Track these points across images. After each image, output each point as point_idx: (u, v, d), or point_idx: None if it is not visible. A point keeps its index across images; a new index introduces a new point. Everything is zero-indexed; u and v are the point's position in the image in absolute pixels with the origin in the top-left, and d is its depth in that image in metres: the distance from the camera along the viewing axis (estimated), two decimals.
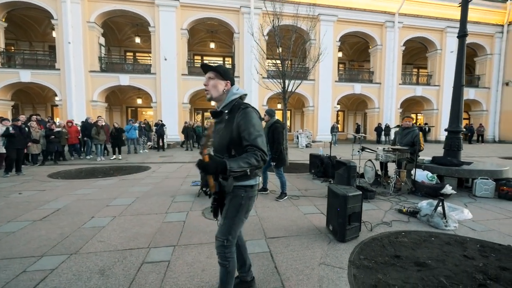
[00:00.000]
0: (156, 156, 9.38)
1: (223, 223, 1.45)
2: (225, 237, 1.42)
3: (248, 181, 1.41)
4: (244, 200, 1.42)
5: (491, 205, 3.71)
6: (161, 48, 13.24)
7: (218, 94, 1.45)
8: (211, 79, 1.44)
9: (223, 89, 1.45)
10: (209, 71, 1.46)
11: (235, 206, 1.42)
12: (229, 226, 1.42)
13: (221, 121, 1.44)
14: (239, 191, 1.40)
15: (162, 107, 13.63)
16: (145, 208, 3.46)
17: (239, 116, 1.36)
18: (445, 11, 15.86)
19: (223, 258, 1.44)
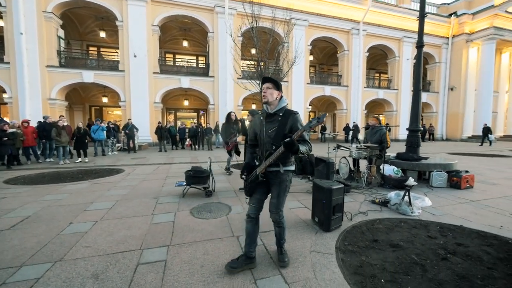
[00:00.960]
0: (127, 158, 8.89)
1: (277, 201, 2.00)
2: (279, 209, 2.02)
3: (291, 166, 2.03)
4: (289, 183, 2.03)
5: (445, 193, 4.30)
6: (130, 44, 12.55)
7: (272, 100, 1.94)
8: (269, 88, 1.93)
9: (276, 97, 1.94)
10: (268, 82, 1.95)
11: (283, 188, 1.99)
12: (280, 202, 2.01)
13: (273, 121, 1.94)
14: (285, 176, 1.97)
15: (132, 107, 12.93)
16: (129, 211, 3.33)
17: (293, 120, 1.89)
18: (402, 22, 17.61)
19: (280, 222, 2.06)
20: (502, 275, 1.97)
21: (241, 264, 1.99)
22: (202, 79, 14.23)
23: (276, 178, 1.96)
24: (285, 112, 1.92)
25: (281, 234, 2.12)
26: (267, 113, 1.97)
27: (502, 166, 7.31)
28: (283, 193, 1.99)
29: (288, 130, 1.86)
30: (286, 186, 1.99)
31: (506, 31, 17.79)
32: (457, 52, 19.07)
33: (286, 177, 1.98)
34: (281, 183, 1.97)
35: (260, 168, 1.92)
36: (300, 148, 1.76)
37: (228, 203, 3.69)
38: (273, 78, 1.93)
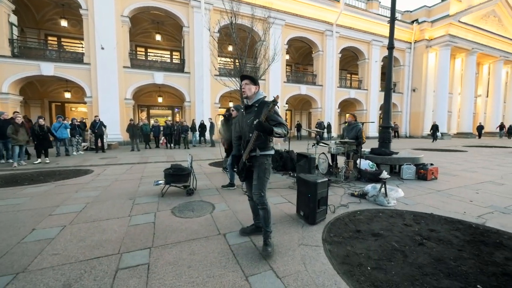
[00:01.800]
0: (95, 158, 8.23)
1: (257, 182, 2.16)
2: (260, 191, 2.16)
3: (269, 151, 2.19)
4: (267, 165, 2.19)
5: (414, 185, 4.64)
6: (96, 35, 11.62)
7: (251, 94, 2.18)
8: (247, 84, 2.17)
9: (254, 91, 2.18)
10: (246, 79, 2.19)
11: (262, 170, 2.16)
12: (262, 183, 2.17)
13: (251, 112, 2.16)
14: (263, 159, 2.15)
15: (100, 103, 12.02)
16: (102, 213, 3.06)
17: (266, 108, 2.00)
18: (372, 26, 18.68)
19: (263, 204, 2.17)
20: (470, 255, 2.16)
21: (251, 231, 2.47)
22: (177, 75, 13.69)
23: (256, 162, 2.16)
24: (261, 103, 2.13)
25: (266, 218, 2.18)
26: (246, 105, 2.22)
27: (459, 160, 8.12)
28: (263, 175, 2.16)
29: (265, 119, 2.03)
30: (265, 169, 2.16)
31: (459, 39, 19.78)
32: (419, 56, 20.77)
33: (264, 160, 2.16)
34: (260, 166, 2.15)
35: (244, 154, 2.16)
36: (275, 129, 1.94)
37: (211, 201, 3.58)
38: (250, 75, 2.20)
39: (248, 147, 2.10)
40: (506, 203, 3.61)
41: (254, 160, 2.16)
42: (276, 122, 2.05)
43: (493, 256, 2.16)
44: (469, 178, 5.25)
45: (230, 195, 3.87)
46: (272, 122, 2.04)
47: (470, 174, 5.73)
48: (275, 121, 2.06)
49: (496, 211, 3.27)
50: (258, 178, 2.16)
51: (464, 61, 21.92)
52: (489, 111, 24.96)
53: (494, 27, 21.98)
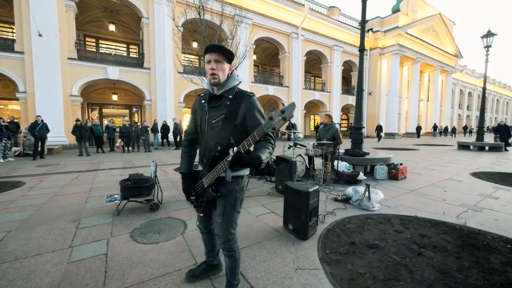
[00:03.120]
0: (30, 166, 6.78)
1: (223, 220, 1.44)
2: (227, 232, 1.45)
3: (242, 170, 1.44)
4: (238, 193, 1.45)
5: (388, 185, 4.70)
6: (32, 19, 9.75)
7: (225, 79, 1.37)
8: (219, 62, 1.32)
9: (228, 73, 1.38)
10: (217, 52, 1.31)
11: (231, 202, 1.43)
12: (229, 221, 1.44)
13: (220, 106, 1.37)
14: (233, 185, 1.41)
15: (37, 100, 10.15)
16: (30, 246, 2.27)
17: (247, 106, 1.34)
18: (333, 32, 19.63)
19: (230, 250, 1.49)
20: (470, 263, 2.06)
21: (202, 272, 1.79)
22: (135, 70, 12.36)
23: (223, 188, 1.40)
24: (237, 94, 1.37)
25: (234, 268, 1.53)
26: (211, 95, 1.40)
27: (416, 158, 8.79)
28: (232, 208, 1.43)
29: (241, 121, 1.33)
30: (235, 199, 1.43)
31: (406, 49, 22.04)
32: (374, 62, 22.55)
33: (236, 186, 1.42)
34: (228, 195, 1.41)
35: (207, 178, 1.37)
36: (262, 156, 1.18)
37: (181, 217, 3.00)
38: (223, 46, 1.33)
39: (214, 171, 1.30)
40: (473, 200, 3.80)
41: (220, 185, 1.39)
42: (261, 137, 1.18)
43: (489, 261, 2.09)
44: (431, 176, 5.57)
45: None
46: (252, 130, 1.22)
47: (431, 172, 6.13)
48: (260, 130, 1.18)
49: (469, 209, 3.38)
50: (225, 214, 1.42)
51: (410, 68, 24.55)
52: (429, 113, 28.46)
53: (433, 40, 25.10)
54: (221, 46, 1.32)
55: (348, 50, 20.95)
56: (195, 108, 1.51)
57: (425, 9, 24.01)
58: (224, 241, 1.46)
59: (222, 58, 1.32)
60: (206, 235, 1.73)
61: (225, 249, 1.48)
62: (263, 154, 1.21)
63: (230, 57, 1.36)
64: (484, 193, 4.19)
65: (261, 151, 1.22)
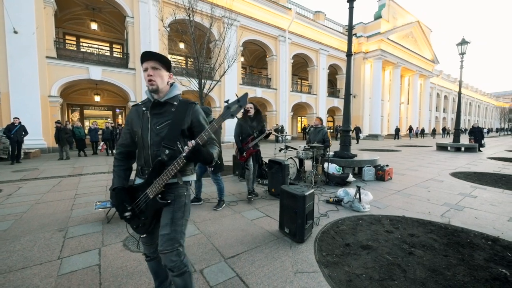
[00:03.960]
0: (5, 171, 6.36)
1: (171, 229, 1.28)
2: (178, 243, 1.28)
3: (190, 176, 1.41)
4: (187, 199, 1.40)
5: (376, 186, 4.87)
6: (6, 14, 9.20)
7: (163, 86, 1.36)
8: (156, 69, 1.32)
9: (167, 81, 1.38)
10: (154, 60, 1.32)
11: (180, 207, 1.34)
12: (179, 230, 1.31)
13: (164, 113, 1.36)
14: (182, 190, 1.36)
15: (12, 100, 9.58)
16: (14, 258, 2.12)
17: (193, 113, 1.37)
18: (319, 36, 20.08)
19: (181, 266, 1.29)
20: (457, 261, 2.18)
21: None
22: (120, 70, 11.96)
23: (170, 194, 1.32)
24: (181, 102, 1.38)
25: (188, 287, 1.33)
26: (154, 102, 1.35)
27: (399, 159, 9.17)
28: (181, 215, 1.32)
29: (187, 127, 1.35)
30: (184, 204, 1.35)
31: (388, 54, 22.99)
32: (358, 66, 23.30)
33: (184, 191, 1.36)
34: (176, 200, 1.32)
35: (154, 187, 1.26)
36: (214, 153, 1.29)
37: None
38: (159, 54, 1.32)
39: (163, 176, 1.23)
40: (455, 199, 4.02)
41: (168, 192, 1.32)
42: (208, 138, 1.25)
43: (474, 259, 2.22)
44: (415, 177, 5.83)
45: (198, 213, 3.28)
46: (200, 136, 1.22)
47: (414, 172, 6.42)
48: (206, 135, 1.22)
49: (452, 208, 3.58)
50: (174, 221, 1.29)
51: (391, 73, 25.62)
52: (410, 116, 29.81)
53: (412, 46, 26.37)
54: (157, 53, 1.31)
55: (333, 54, 21.51)
56: (131, 118, 1.42)
57: (404, 17, 25.19)
58: (175, 256, 1.25)
59: (159, 65, 1.32)
60: (154, 262, 1.49)
61: (176, 268, 1.26)
62: (214, 153, 1.30)
63: (168, 64, 1.36)
64: (464, 192, 4.45)
65: (212, 150, 1.31)
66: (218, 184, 3.50)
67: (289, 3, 18.08)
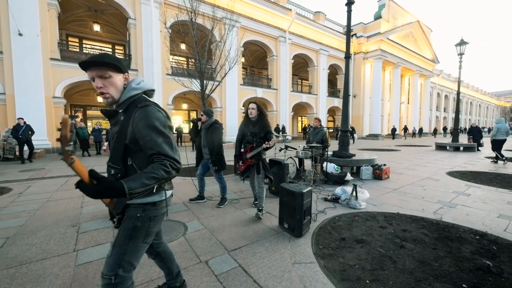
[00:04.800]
0: (13, 171, 6.54)
1: (111, 254, 1.13)
2: (113, 273, 1.09)
3: (148, 197, 1.15)
4: (141, 222, 1.15)
5: (373, 185, 5.02)
6: (11, 17, 9.38)
7: (121, 93, 1.16)
8: (105, 78, 1.10)
9: (123, 85, 1.17)
10: (98, 67, 1.07)
11: (125, 230, 1.14)
12: (119, 257, 1.11)
13: (116, 123, 1.17)
14: (134, 211, 1.15)
15: (17, 102, 9.77)
16: (33, 251, 2.30)
17: (137, 117, 1.08)
18: (319, 36, 20.20)
19: None
20: (445, 253, 2.33)
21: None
22: None
23: (125, 213, 1.18)
24: (129, 106, 1.15)
25: None
26: (104, 111, 1.24)
27: (398, 159, 9.31)
28: (125, 240, 1.13)
29: (130, 139, 1.11)
30: (132, 228, 1.14)
31: (388, 54, 23.09)
32: (358, 66, 23.42)
33: (136, 212, 1.15)
34: (125, 221, 1.16)
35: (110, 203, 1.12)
36: (129, 185, 0.95)
37: (180, 219, 3.11)
38: (102, 57, 1.09)
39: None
40: (448, 197, 4.17)
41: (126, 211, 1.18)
42: (154, 153, 1.05)
43: (461, 251, 2.37)
44: (412, 176, 5.98)
45: (202, 210, 3.45)
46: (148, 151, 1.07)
47: (411, 171, 6.57)
48: (151, 148, 1.05)
49: (445, 206, 3.73)
50: (115, 245, 1.15)
51: (392, 72, 25.71)
52: (410, 115, 29.90)
53: (412, 46, 26.45)
54: (100, 57, 1.09)
55: (333, 54, 21.63)
56: None
57: (404, 17, 25.28)
58: (106, 284, 1.09)
59: (107, 71, 1.10)
60: (157, 260, 1.53)
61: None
62: (136, 181, 0.96)
63: (118, 65, 1.11)
64: (458, 191, 4.60)
65: (137, 177, 0.98)
66: (221, 182, 3.67)
67: (289, 3, 18.22)
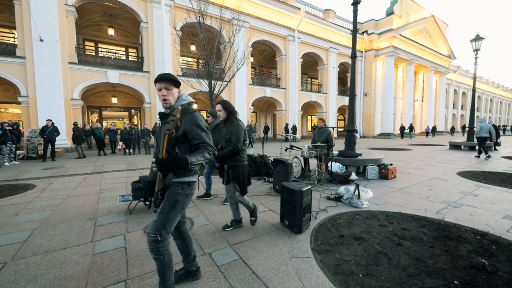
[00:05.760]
0: (36, 169, 7.02)
1: (157, 218, 1.52)
2: (158, 232, 1.48)
3: (187, 177, 1.58)
4: (181, 197, 1.56)
5: (378, 184, 5.04)
6: (33, 24, 9.97)
7: (174, 101, 1.63)
8: (169, 89, 1.58)
9: (177, 96, 1.64)
10: (166, 81, 1.57)
11: (170, 202, 1.53)
12: (164, 221, 1.51)
13: (168, 122, 1.55)
14: (176, 188, 1.55)
15: (39, 104, 10.38)
16: (55, 241, 2.55)
17: (187, 119, 1.55)
18: (329, 34, 20.00)
19: (157, 253, 1.50)
20: (441, 251, 2.38)
21: (181, 277, 1.86)
22: (135, 74, 12.61)
23: (166, 191, 1.56)
24: (182, 112, 1.57)
25: (163, 274, 1.56)
26: (161, 113, 1.64)
27: (408, 158, 9.16)
28: (169, 208, 1.52)
29: (182, 133, 1.55)
30: (175, 200, 1.53)
31: (400, 50, 22.50)
32: (369, 64, 22.99)
33: (178, 189, 1.55)
34: (168, 196, 1.54)
35: (157, 183, 1.52)
36: (192, 159, 1.42)
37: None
38: (169, 75, 1.58)
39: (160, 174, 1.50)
40: (455, 197, 4.14)
41: (167, 189, 1.56)
42: (199, 142, 1.52)
43: (458, 250, 2.41)
44: (420, 176, 5.92)
45: (208, 207, 3.63)
46: (194, 141, 1.53)
47: (420, 171, 6.49)
48: (197, 139, 1.52)
49: (450, 206, 3.72)
50: (161, 212, 1.52)
51: (405, 70, 25.05)
52: (424, 113, 29.01)
53: (426, 42, 25.63)
54: (168, 75, 1.58)
55: (344, 52, 21.34)
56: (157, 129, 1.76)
57: (418, 12, 24.52)
58: (152, 241, 1.47)
59: (170, 85, 1.57)
60: (178, 240, 1.83)
61: (153, 252, 1.50)
62: (194, 157, 1.44)
63: (178, 83, 1.63)
64: (466, 191, 4.54)
65: (193, 154, 1.47)
66: None
67: (298, 2, 18.17)
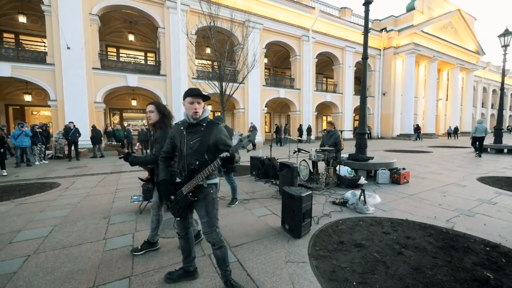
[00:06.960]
0: (62, 168, 7.59)
1: (208, 218, 1.83)
2: (214, 227, 1.85)
3: (215, 179, 1.90)
4: (215, 195, 1.88)
5: (389, 189, 4.90)
6: (61, 33, 10.74)
7: (201, 112, 1.85)
8: (200, 103, 1.81)
9: (203, 110, 1.87)
10: (198, 97, 1.80)
11: (210, 202, 1.84)
12: (213, 218, 1.85)
13: (196, 132, 1.82)
14: (209, 189, 1.83)
15: (66, 107, 11.14)
16: (73, 237, 2.80)
17: (216, 130, 1.82)
18: (345, 33, 19.53)
19: (220, 241, 1.87)
20: (444, 262, 2.32)
21: (179, 277, 2.02)
22: (153, 77, 13.15)
23: (200, 193, 1.80)
24: (208, 123, 1.85)
25: (225, 258, 1.90)
26: (189, 123, 1.83)
27: (426, 161, 8.76)
28: (212, 208, 1.85)
29: (212, 142, 1.78)
30: (212, 199, 1.85)
31: (422, 47, 21.45)
32: (388, 62, 22.15)
33: (210, 190, 1.84)
34: (206, 197, 1.82)
35: (187, 186, 1.76)
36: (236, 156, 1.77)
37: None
38: (201, 93, 1.81)
39: (195, 178, 1.71)
40: (470, 205, 3.95)
41: (197, 192, 1.80)
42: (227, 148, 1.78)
43: (463, 262, 2.33)
44: (436, 181, 5.67)
45: None
46: (223, 147, 1.77)
47: (437, 176, 6.20)
48: (227, 145, 1.78)
49: (462, 214, 3.56)
50: (208, 213, 1.82)
51: (427, 67, 23.82)
52: (449, 113, 27.40)
53: (451, 37, 24.19)
54: (200, 92, 1.80)
55: (360, 51, 20.63)
56: (173, 134, 1.91)
57: (442, 6, 23.22)
58: (214, 235, 1.83)
59: (201, 100, 1.81)
60: (183, 240, 2.01)
61: (216, 243, 1.85)
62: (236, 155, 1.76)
63: (208, 98, 1.86)
64: (484, 199, 4.30)
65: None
66: (231, 183, 3.95)
67: (313, 1, 17.94)
